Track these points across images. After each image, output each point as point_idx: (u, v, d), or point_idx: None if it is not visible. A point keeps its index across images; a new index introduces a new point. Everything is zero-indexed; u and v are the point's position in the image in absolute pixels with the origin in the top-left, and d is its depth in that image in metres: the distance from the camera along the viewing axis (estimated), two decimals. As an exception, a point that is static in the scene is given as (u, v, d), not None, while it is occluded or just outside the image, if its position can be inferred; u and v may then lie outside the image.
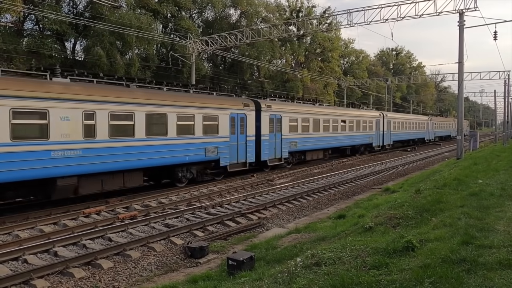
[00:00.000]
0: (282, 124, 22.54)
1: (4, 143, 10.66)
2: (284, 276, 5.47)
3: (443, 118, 65.37)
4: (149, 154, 14.57)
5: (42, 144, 11.45)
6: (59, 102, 11.81)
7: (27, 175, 11.16)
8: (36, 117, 11.43)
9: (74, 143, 12.19)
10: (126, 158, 13.76)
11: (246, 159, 19.71)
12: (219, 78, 42.44)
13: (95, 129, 12.82)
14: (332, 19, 51.18)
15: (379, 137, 36.03)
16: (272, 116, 21.75)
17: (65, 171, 12.02)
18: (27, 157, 11.09)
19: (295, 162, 24.90)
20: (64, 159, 11.91)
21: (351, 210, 12.18)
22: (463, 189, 10.28)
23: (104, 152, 13.06)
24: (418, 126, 48.02)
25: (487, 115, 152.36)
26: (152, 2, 37.27)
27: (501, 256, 5.07)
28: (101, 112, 13.00)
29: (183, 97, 16.68)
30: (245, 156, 19.62)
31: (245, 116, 19.56)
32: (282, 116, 22.57)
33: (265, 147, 21.07)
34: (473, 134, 34.54)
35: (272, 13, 49.89)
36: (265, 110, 21.13)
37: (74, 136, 12.18)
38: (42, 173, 11.48)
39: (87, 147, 12.54)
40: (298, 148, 24.05)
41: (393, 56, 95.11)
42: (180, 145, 15.86)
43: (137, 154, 14.14)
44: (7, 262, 8.04)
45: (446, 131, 62.37)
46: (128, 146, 13.85)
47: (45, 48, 29.42)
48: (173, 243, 9.58)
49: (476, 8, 21.57)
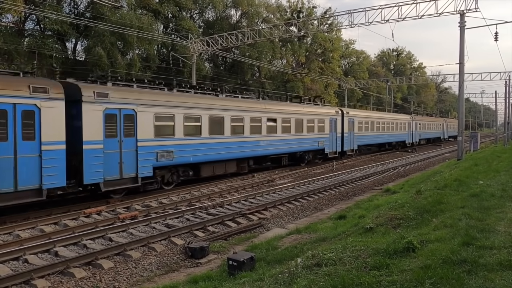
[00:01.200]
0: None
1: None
2: (285, 277, 5.47)
3: (430, 118, 57.87)
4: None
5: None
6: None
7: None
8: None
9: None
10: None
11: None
12: (220, 79, 42.45)
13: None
14: (333, 20, 51.27)
15: (335, 141, 28.12)
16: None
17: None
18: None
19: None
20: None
21: (352, 210, 12.18)
22: (464, 190, 10.27)
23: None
24: (396, 127, 40.52)
25: (487, 116, 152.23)
26: (153, 3, 37.30)
27: (501, 257, 5.07)
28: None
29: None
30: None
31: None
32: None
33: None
34: (473, 135, 34.52)
35: (272, 14, 49.93)
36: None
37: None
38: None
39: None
40: (169, 161, 15.53)
41: (393, 56, 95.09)
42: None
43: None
44: (8, 262, 8.05)
45: (435, 132, 55.88)
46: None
47: (46, 48, 29.45)
48: (173, 243, 9.58)
49: (477, 9, 21.61)
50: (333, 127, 28.10)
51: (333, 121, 28.15)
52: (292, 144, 23.64)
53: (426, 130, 50.80)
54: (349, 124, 30.41)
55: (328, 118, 27.63)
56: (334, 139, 28.27)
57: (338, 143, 28.79)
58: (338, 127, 28.79)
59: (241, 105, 19.77)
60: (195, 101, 17.04)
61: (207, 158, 17.42)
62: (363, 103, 69.03)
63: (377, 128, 36.11)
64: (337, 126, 28.60)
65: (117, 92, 13.84)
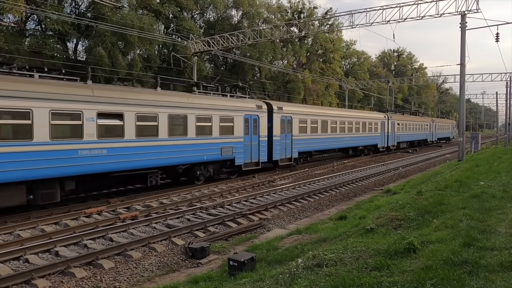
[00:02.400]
0: None
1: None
2: (285, 277, 5.47)
3: (413, 117, 48.99)
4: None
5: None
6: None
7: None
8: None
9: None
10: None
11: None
12: (221, 79, 42.47)
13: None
14: (334, 20, 51.21)
15: (255, 148, 20.23)
16: None
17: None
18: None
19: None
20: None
21: (352, 211, 12.17)
22: (465, 191, 10.26)
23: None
24: (364, 127, 32.40)
25: (488, 117, 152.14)
26: (154, 3, 37.31)
27: (502, 258, 5.06)
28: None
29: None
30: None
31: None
32: None
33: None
34: (474, 136, 34.51)
35: (273, 14, 49.91)
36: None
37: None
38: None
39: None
40: None
41: (394, 57, 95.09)
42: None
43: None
44: (9, 261, 8.05)
45: (419, 134, 48.13)
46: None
47: (47, 48, 29.48)
48: (174, 243, 9.58)
49: (478, 10, 21.60)
50: (251, 129, 19.87)
51: (252, 119, 19.96)
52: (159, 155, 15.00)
53: (407, 131, 43.30)
54: (282, 124, 22.33)
55: (241, 115, 19.16)
56: (254, 145, 20.10)
57: (261, 151, 20.53)
58: (262, 128, 20.62)
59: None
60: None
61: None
62: (364, 103, 68.99)
63: (332, 129, 27.90)
64: (259, 127, 20.37)
65: None
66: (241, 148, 19.09)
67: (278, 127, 21.90)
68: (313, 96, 52.34)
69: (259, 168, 20.63)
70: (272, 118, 21.40)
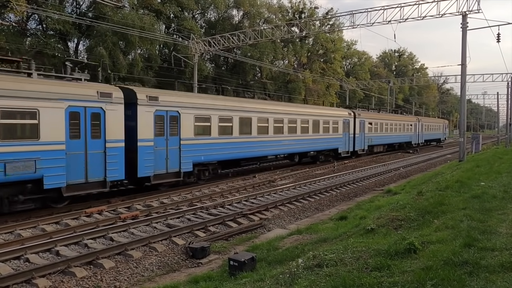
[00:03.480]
0: None
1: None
2: (286, 277, 5.47)
3: (391, 116, 41.51)
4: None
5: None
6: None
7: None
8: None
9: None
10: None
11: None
12: (222, 79, 42.48)
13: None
14: (335, 20, 51.12)
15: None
16: None
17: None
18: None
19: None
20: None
21: (353, 211, 12.17)
22: (466, 191, 10.25)
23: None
24: (317, 127, 25.82)
25: (489, 117, 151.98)
26: (155, 3, 37.35)
27: (503, 258, 5.06)
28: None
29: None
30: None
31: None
32: None
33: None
34: (475, 136, 34.49)
35: (274, 14, 49.93)
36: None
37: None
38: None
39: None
40: None
41: (395, 57, 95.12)
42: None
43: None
44: (9, 261, 8.06)
45: (400, 136, 40.91)
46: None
47: (48, 48, 29.52)
48: (174, 243, 9.58)
49: (479, 10, 21.58)
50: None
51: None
52: None
53: (383, 132, 36.64)
54: (165, 124, 15.36)
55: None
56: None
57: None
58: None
59: None
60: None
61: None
62: (365, 103, 69.00)
63: (261, 130, 20.69)
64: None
65: None
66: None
67: (167, 128, 15.34)
68: (314, 96, 52.33)
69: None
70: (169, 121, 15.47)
